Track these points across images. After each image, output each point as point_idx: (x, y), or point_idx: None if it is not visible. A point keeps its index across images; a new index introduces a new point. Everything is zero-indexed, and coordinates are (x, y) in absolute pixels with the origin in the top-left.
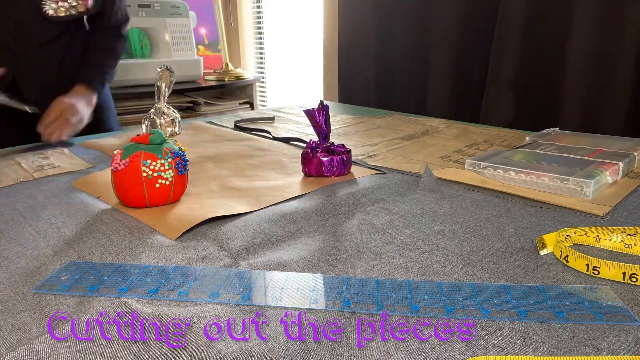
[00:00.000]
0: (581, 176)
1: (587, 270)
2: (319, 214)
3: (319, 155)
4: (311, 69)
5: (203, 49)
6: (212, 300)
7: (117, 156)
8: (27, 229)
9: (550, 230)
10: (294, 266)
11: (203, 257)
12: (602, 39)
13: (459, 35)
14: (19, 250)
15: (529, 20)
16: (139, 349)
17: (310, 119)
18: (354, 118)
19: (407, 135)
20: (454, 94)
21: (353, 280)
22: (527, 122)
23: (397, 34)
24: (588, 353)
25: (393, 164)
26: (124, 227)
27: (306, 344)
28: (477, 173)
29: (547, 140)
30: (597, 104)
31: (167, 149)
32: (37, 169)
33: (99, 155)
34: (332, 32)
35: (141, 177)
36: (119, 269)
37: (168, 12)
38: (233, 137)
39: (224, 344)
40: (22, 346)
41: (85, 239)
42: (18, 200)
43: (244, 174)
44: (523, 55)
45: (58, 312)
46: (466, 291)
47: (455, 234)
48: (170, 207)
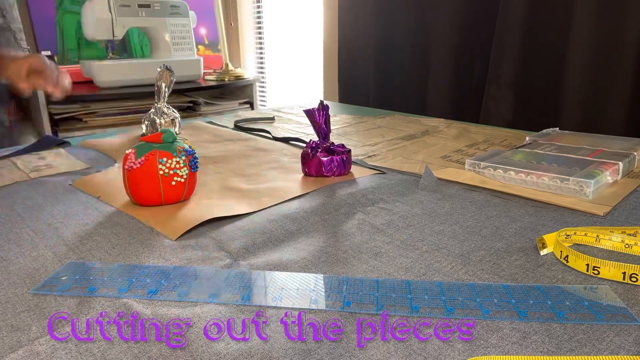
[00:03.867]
0: (581, 176)
1: (587, 271)
2: (319, 214)
3: (319, 155)
4: (311, 69)
5: (203, 49)
6: (212, 300)
7: (131, 155)
8: (25, 230)
9: (550, 230)
10: (294, 266)
11: (203, 257)
12: (602, 39)
13: (459, 35)
14: (17, 251)
15: (529, 20)
16: (139, 349)
17: (310, 119)
18: (354, 118)
19: (407, 135)
20: (454, 94)
21: (353, 281)
22: (527, 122)
23: (397, 34)
24: (588, 353)
25: (393, 164)
26: (124, 228)
27: (306, 344)
28: (477, 173)
29: (547, 140)
30: (597, 104)
31: (180, 147)
32: (33, 169)
33: (95, 155)
34: (332, 32)
35: (157, 175)
36: (118, 269)
37: (168, 12)
38: (233, 137)
39: (224, 344)
40: (22, 347)
41: (84, 240)
42: (15, 201)
43: (244, 174)
44: (523, 55)
45: (58, 313)
46: (466, 291)
47: (455, 234)
48: (171, 207)
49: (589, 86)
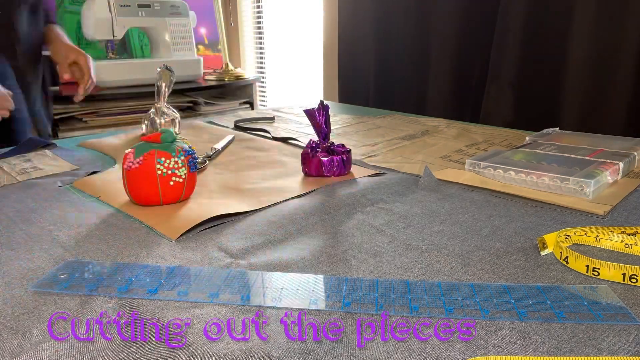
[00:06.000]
0: (581, 176)
1: (587, 272)
2: (318, 214)
3: (318, 155)
4: (311, 69)
5: (203, 49)
6: (212, 300)
7: (130, 155)
8: (18, 233)
9: (550, 230)
10: (293, 266)
11: (202, 257)
12: (602, 39)
13: (459, 35)
14: (12, 254)
15: (529, 20)
16: (139, 349)
17: (310, 119)
18: (354, 118)
19: (407, 135)
20: (454, 94)
21: (353, 281)
22: (527, 122)
23: (397, 34)
24: (588, 353)
25: (393, 164)
26: (123, 228)
27: (306, 344)
28: (477, 173)
29: (547, 140)
30: (597, 104)
31: (179, 147)
32: (20, 172)
33: (82, 156)
34: (332, 32)
35: (155, 175)
36: (118, 268)
37: (168, 12)
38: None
39: (224, 344)
40: (25, 353)
41: (80, 242)
42: (5, 204)
43: (243, 174)
44: (523, 55)
45: (58, 313)
46: (466, 291)
47: (455, 234)
48: (170, 207)
49: (589, 86)
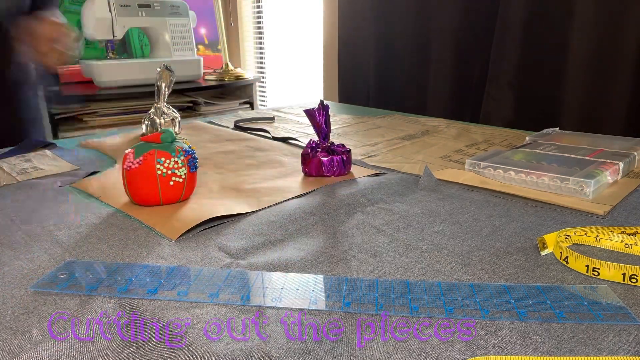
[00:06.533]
0: (581, 176)
1: (587, 272)
2: (318, 214)
3: (319, 155)
4: (311, 69)
5: (203, 49)
6: (212, 300)
7: (130, 155)
8: (17, 233)
9: (550, 230)
10: (293, 266)
11: (202, 257)
12: (602, 39)
13: (459, 35)
14: (12, 254)
15: (529, 20)
16: (139, 349)
17: (310, 119)
18: (354, 118)
19: (407, 135)
20: (454, 94)
21: (353, 281)
22: (527, 122)
23: (397, 33)
24: (588, 353)
25: (393, 164)
26: (123, 228)
27: (306, 344)
28: (477, 173)
29: (547, 140)
30: (597, 104)
31: (179, 147)
32: (20, 172)
33: (82, 156)
34: (332, 32)
35: (155, 175)
36: (118, 268)
37: (168, 12)
38: (233, 137)
39: (224, 344)
40: (25, 353)
41: (80, 242)
42: (5, 204)
43: (243, 174)
44: (523, 55)
45: (58, 313)
46: (466, 291)
47: (455, 234)
48: (170, 207)
49: (589, 86)
